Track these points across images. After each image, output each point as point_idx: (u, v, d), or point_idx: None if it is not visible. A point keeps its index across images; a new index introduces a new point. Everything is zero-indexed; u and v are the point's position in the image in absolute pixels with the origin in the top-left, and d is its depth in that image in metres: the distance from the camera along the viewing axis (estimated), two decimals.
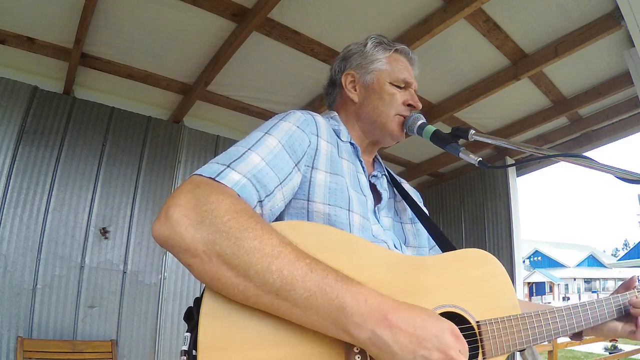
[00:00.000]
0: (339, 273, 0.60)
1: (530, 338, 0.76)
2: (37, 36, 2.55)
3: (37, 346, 2.43)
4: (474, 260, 0.80)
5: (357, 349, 0.61)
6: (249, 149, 0.73)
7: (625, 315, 0.93)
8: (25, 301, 2.53)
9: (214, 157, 0.72)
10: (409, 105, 0.98)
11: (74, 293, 2.72)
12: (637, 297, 0.93)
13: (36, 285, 2.59)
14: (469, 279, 0.77)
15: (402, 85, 0.99)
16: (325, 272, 0.59)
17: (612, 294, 0.97)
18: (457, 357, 0.59)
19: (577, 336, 0.93)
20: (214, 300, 0.59)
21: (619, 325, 0.93)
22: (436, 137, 0.94)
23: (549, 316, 0.81)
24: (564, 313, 0.84)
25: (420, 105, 0.99)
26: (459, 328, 0.64)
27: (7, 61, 2.68)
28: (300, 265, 0.58)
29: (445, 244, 0.92)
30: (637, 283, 0.96)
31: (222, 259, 0.57)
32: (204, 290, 0.61)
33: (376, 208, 0.93)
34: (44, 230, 2.69)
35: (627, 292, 0.95)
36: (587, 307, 0.89)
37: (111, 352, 2.68)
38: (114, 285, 2.89)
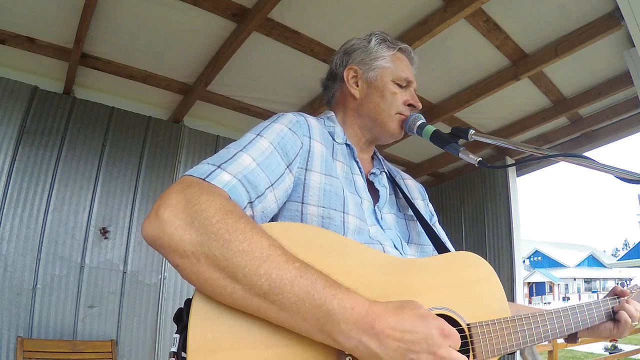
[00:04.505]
0: (329, 279, 0.59)
1: (521, 341, 0.76)
2: (37, 36, 2.54)
3: (37, 346, 2.43)
4: (464, 263, 0.80)
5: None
6: (240, 150, 0.72)
7: (614, 318, 0.96)
8: (25, 301, 2.53)
9: None
10: (409, 105, 0.98)
11: (74, 293, 2.72)
12: (624, 302, 0.96)
13: (36, 285, 2.59)
14: (460, 281, 0.77)
15: (404, 84, 0.99)
16: (315, 277, 0.58)
17: (604, 297, 0.99)
18: (447, 355, 0.58)
19: (572, 338, 0.94)
20: (204, 300, 0.58)
21: (611, 325, 0.96)
22: (436, 137, 0.94)
23: (538, 319, 0.81)
24: (553, 316, 0.84)
25: (420, 105, 1.00)
26: None
27: (7, 61, 2.68)
28: (289, 269, 0.57)
29: (440, 246, 0.93)
30: (627, 296, 0.98)
31: (211, 261, 0.56)
32: (195, 291, 0.60)
33: (376, 207, 0.92)
34: (44, 230, 2.69)
35: (619, 297, 0.98)
36: (577, 311, 0.90)
37: (111, 352, 2.68)
38: (114, 285, 2.89)
